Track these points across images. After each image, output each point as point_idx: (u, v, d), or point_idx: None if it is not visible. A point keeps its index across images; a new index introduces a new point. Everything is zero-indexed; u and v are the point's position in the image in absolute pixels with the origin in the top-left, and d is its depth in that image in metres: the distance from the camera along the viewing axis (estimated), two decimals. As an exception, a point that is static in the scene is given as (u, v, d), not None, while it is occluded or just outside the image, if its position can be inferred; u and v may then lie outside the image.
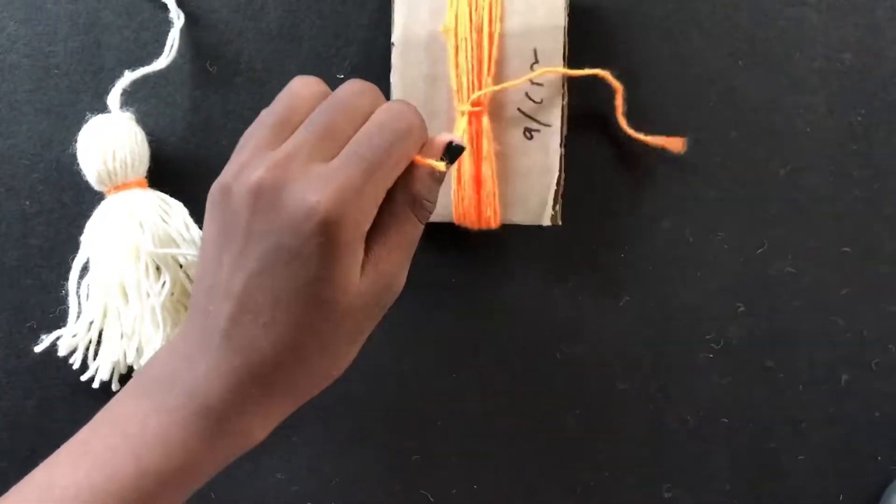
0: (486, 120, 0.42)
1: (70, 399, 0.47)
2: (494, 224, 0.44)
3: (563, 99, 0.43)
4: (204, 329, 0.34)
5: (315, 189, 0.32)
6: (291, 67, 0.46)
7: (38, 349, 0.45)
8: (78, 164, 0.45)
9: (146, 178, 0.46)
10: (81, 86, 0.47)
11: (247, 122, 0.46)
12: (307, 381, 0.35)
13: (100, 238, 0.44)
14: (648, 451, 0.47)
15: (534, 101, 0.43)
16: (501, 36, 0.42)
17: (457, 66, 0.42)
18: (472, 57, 0.42)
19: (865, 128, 0.45)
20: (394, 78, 0.44)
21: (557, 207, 0.44)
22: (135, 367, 0.45)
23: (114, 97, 0.45)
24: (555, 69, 0.42)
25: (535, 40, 0.42)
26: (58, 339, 0.45)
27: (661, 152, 0.45)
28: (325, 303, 0.33)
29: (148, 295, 0.44)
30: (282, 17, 0.46)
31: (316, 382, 0.35)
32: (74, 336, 0.45)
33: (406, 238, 0.35)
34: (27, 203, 0.47)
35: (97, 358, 0.45)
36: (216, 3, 0.46)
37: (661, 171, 0.46)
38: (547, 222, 0.44)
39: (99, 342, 0.45)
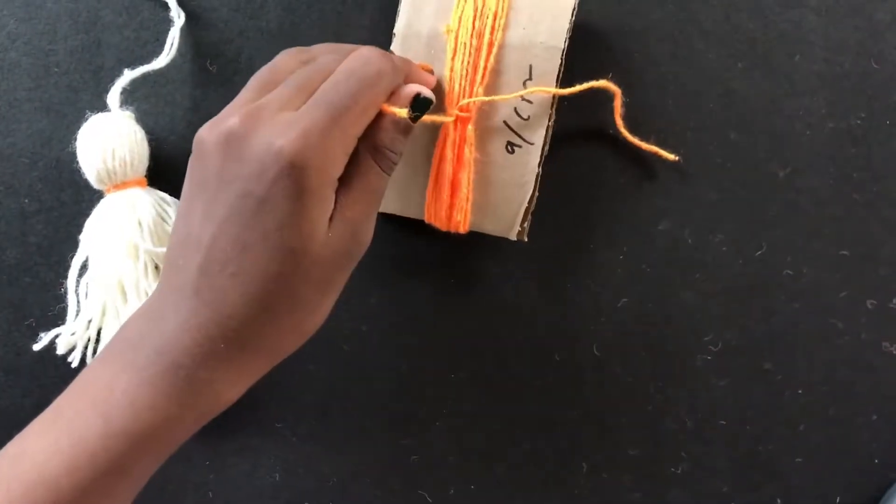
0: (470, 128, 0.42)
1: (68, 397, 0.47)
2: (463, 229, 0.44)
3: (549, 119, 0.43)
4: (174, 284, 0.34)
5: (281, 133, 0.32)
6: (291, 67, 0.46)
7: (36, 347, 0.45)
8: (77, 163, 0.45)
9: (146, 176, 0.46)
10: (81, 84, 0.47)
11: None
12: (277, 336, 0.34)
13: (99, 237, 0.44)
14: (646, 452, 0.47)
15: (521, 117, 0.43)
16: (501, 46, 0.42)
17: (452, 69, 0.42)
18: (468, 63, 0.42)
19: (865, 130, 0.45)
20: None
21: (526, 224, 0.44)
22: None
23: (113, 96, 0.45)
24: (546, 89, 0.42)
25: (532, 56, 0.42)
26: (56, 337, 0.45)
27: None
28: (292, 251, 0.33)
29: (146, 293, 0.44)
30: (282, 17, 0.46)
31: (287, 339, 0.35)
32: (73, 334, 0.45)
33: (370, 187, 0.35)
34: (26, 201, 0.47)
35: (96, 356, 0.45)
36: (216, 1, 0.46)
37: (660, 172, 0.46)
38: (513, 237, 0.44)
39: (98, 340, 0.46)
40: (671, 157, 0.45)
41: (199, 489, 0.48)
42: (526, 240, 0.44)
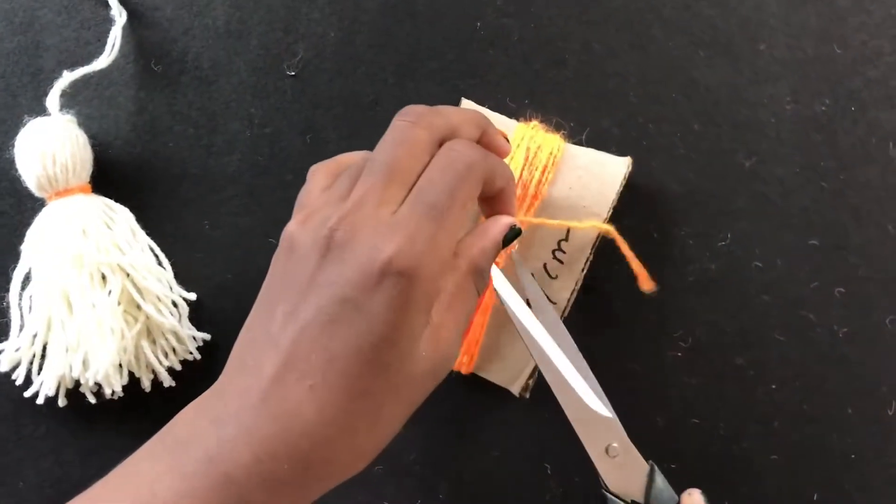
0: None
1: (14, 417, 0.46)
2: (465, 371, 0.44)
3: (576, 284, 0.43)
4: (239, 387, 0.31)
5: (386, 238, 0.30)
6: (240, 65, 0.45)
7: (-22, 364, 0.44)
8: (17, 170, 0.43)
9: (89, 183, 0.44)
10: (19, 88, 0.46)
11: (194, 122, 0.46)
12: (348, 460, 0.31)
13: (42, 247, 0.43)
14: (618, 454, 0.46)
15: (549, 275, 0.43)
16: (544, 201, 0.42)
17: None
18: None
19: (830, 117, 0.44)
20: None
21: (531, 381, 0.44)
22: (81, 381, 0.43)
23: (53, 99, 0.44)
24: (579, 254, 0.43)
25: (573, 218, 0.42)
26: (0, 353, 0.44)
27: (626, 148, 0.45)
28: (386, 367, 0.30)
29: (94, 305, 0.43)
30: (229, 13, 0.45)
31: (355, 463, 0.32)
32: (17, 350, 0.44)
33: (466, 307, 0.33)
34: (-36, 211, 0.46)
35: (41, 372, 0.44)
36: (160, -1, 0.45)
37: (624, 165, 0.45)
38: (516, 392, 0.44)
39: (43, 356, 0.44)
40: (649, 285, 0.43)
41: None
42: (528, 396, 0.44)
